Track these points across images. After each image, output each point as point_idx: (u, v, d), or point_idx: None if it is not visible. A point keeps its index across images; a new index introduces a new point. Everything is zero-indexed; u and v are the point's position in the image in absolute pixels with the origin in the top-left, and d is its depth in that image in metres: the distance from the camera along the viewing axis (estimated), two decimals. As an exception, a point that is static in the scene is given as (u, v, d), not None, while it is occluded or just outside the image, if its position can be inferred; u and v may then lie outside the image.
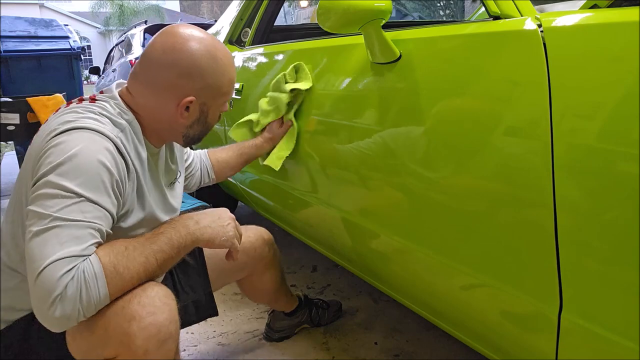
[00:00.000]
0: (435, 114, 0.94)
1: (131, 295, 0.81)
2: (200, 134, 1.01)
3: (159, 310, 0.82)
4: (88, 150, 0.81)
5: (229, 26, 2.03)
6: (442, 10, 13.68)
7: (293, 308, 1.52)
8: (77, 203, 0.78)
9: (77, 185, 0.78)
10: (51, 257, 0.73)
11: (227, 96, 1.00)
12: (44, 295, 0.72)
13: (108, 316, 0.80)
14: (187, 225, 0.91)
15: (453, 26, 0.96)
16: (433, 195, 0.96)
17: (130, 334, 0.79)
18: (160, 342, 0.81)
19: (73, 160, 0.79)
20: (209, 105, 0.97)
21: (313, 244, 1.59)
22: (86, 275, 0.75)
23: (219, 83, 0.95)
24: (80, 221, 0.77)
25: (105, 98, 0.93)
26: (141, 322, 0.80)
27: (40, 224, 0.75)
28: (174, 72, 0.91)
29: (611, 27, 0.68)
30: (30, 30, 4.17)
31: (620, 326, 0.67)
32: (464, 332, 1.03)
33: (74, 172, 0.79)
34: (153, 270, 0.85)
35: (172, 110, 0.93)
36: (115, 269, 0.79)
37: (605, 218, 0.67)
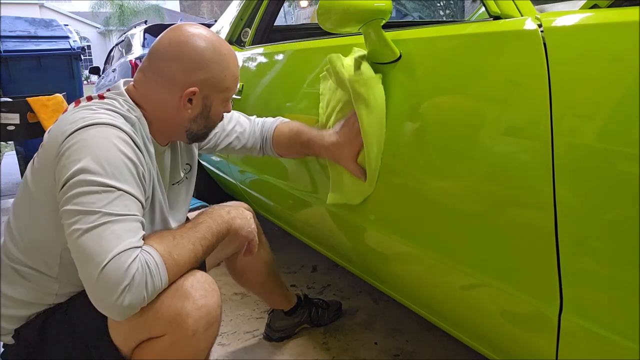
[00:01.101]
0: (435, 114, 0.94)
1: (184, 279, 0.86)
2: (204, 129, 1.02)
3: (210, 294, 0.88)
4: (109, 143, 0.83)
5: (229, 26, 2.03)
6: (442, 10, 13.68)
7: (291, 306, 1.52)
8: (118, 197, 0.80)
9: (112, 180, 0.81)
10: (113, 250, 0.76)
11: (230, 92, 1.01)
12: (112, 287, 0.75)
13: (162, 298, 0.84)
14: (221, 215, 0.99)
15: (453, 26, 0.96)
16: (433, 195, 0.96)
17: (183, 313, 0.84)
18: (208, 324, 0.87)
19: (99, 155, 0.81)
20: (212, 99, 0.98)
21: (313, 244, 1.59)
22: (149, 264, 0.80)
23: (222, 76, 0.96)
24: (126, 215, 0.81)
25: (113, 95, 0.94)
26: (195, 302, 0.85)
27: (88, 221, 0.77)
28: (178, 63, 0.93)
29: (611, 27, 0.68)
30: (30, 30, 4.17)
31: (620, 326, 0.67)
32: (464, 332, 1.03)
33: (104, 167, 0.81)
34: (199, 256, 0.90)
35: (176, 102, 0.95)
36: (171, 256, 0.84)
37: (605, 218, 0.67)
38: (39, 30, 4.19)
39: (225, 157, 1.94)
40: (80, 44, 4.35)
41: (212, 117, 1.01)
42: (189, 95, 0.94)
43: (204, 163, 2.29)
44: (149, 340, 0.86)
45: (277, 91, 1.55)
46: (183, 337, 0.84)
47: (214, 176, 2.28)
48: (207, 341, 0.89)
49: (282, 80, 1.54)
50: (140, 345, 0.87)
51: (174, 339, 0.84)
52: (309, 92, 1.34)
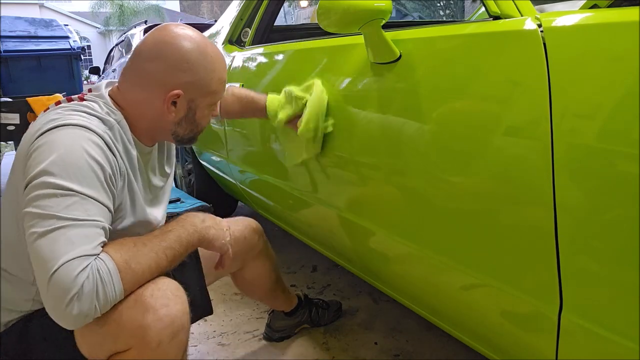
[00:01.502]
0: (435, 114, 0.94)
1: (143, 289, 0.82)
2: (190, 133, 1.00)
3: (172, 302, 0.83)
4: (76, 145, 0.81)
5: (229, 26, 2.03)
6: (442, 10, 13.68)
7: (292, 307, 1.52)
8: (77, 201, 0.78)
9: (74, 183, 0.78)
10: (64, 256, 0.73)
11: (217, 96, 0.98)
12: (60, 295, 0.73)
13: (120, 310, 0.80)
14: (194, 224, 0.93)
15: (453, 26, 0.96)
16: (433, 195, 0.96)
17: (144, 325, 0.80)
18: (173, 333, 0.83)
19: (64, 158, 0.79)
20: (197, 102, 0.95)
21: (313, 244, 1.59)
22: (101, 273, 0.76)
23: (207, 79, 0.94)
24: (85, 220, 0.77)
25: (93, 98, 0.92)
26: (155, 313, 0.81)
27: (44, 225, 0.75)
28: (162, 64, 0.90)
29: (611, 27, 0.68)
30: (30, 30, 4.18)
31: (620, 326, 0.67)
32: (464, 332, 1.03)
33: (67, 169, 0.78)
34: (163, 266, 0.86)
35: (159, 105, 0.92)
36: (128, 265, 0.80)
37: (605, 218, 0.67)
38: (39, 30, 4.20)
39: (225, 157, 1.94)
40: (80, 44, 4.35)
41: (198, 120, 0.98)
42: (173, 97, 0.91)
43: (204, 163, 2.29)
44: (117, 354, 0.83)
45: (277, 91, 1.55)
46: (148, 349, 0.81)
47: (214, 176, 2.28)
48: (176, 349, 0.85)
49: (282, 80, 1.54)
50: (111, 357, 0.84)
51: (139, 352, 0.81)
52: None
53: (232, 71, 1.84)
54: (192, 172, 2.49)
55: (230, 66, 1.87)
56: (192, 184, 2.47)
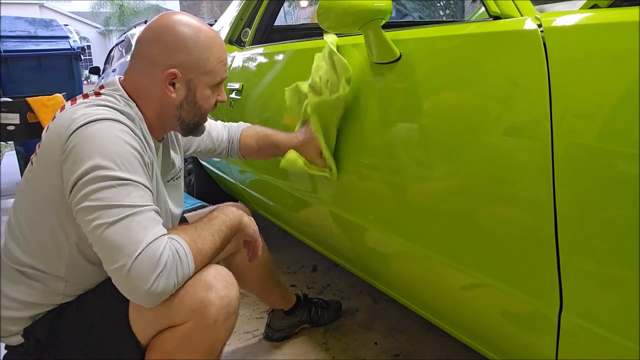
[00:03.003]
0: (435, 114, 0.94)
1: (206, 270, 0.90)
2: (194, 117, 1.01)
3: (231, 287, 0.91)
4: (115, 136, 0.84)
5: (229, 26, 2.03)
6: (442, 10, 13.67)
7: (290, 305, 1.52)
8: (133, 189, 0.82)
9: (125, 172, 0.82)
10: (144, 239, 0.79)
11: (216, 76, 0.99)
12: (146, 275, 0.78)
13: (185, 286, 0.86)
14: (232, 210, 1.01)
15: (453, 26, 0.96)
16: (433, 195, 0.96)
17: (206, 301, 0.87)
18: (228, 314, 0.90)
19: (108, 149, 0.82)
20: (196, 82, 0.97)
21: (313, 244, 1.59)
22: (179, 252, 0.83)
23: (203, 58, 0.95)
24: (146, 205, 0.83)
25: (109, 92, 0.94)
26: (217, 292, 0.88)
27: (112, 215, 0.79)
28: (158, 46, 0.94)
29: (611, 27, 0.68)
30: (30, 30, 4.17)
31: (620, 326, 0.67)
32: (464, 332, 1.03)
33: (115, 160, 0.82)
34: (218, 248, 0.93)
35: (160, 86, 0.94)
36: (196, 245, 0.88)
37: (605, 218, 0.67)
38: (39, 30, 4.19)
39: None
40: (80, 44, 4.35)
41: (200, 102, 0.99)
42: (170, 77, 0.94)
43: (204, 163, 2.29)
44: (169, 328, 0.88)
45: (277, 91, 1.55)
46: (204, 325, 0.87)
47: (214, 176, 2.28)
48: (226, 331, 0.91)
49: (282, 80, 1.54)
50: (160, 333, 0.89)
51: (195, 326, 0.87)
52: (309, 92, 1.34)
53: (232, 71, 1.84)
54: (192, 172, 2.49)
55: (230, 66, 1.87)
56: (192, 184, 2.47)
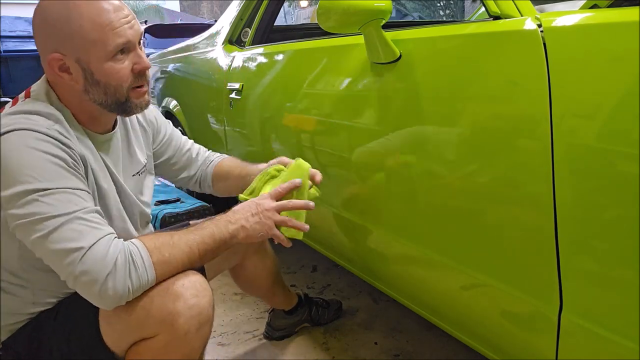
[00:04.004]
0: (435, 114, 0.94)
1: (175, 279, 0.85)
2: (112, 97, 0.88)
3: (201, 294, 0.86)
4: (24, 148, 0.78)
5: (229, 26, 2.03)
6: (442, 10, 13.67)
7: (292, 306, 1.52)
8: (60, 197, 0.78)
9: (44, 182, 0.77)
10: (84, 244, 0.76)
11: (106, 44, 0.84)
12: (95, 276, 0.75)
13: (152, 296, 0.83)
14: (228, 222, 0.93)
15: (453, 26, 0.96)
16: (433, 195, 0.96)
17: (174, 312, 0.82)
18: (200, 324, 0.85)
19: (20, 163, 0.77)
20: (86, 59, 0.84)
21: (313, 244, 1.59)
22: (133, 255, 0.79)
23: (78, 30, 0.82)
24: (77, 210, 0.78)
25: (35, 91, 0.89)
26: (186, 302, 0.83)
27: (47, 226, 0.76)
28: (36, 36, 0.86)
29: (611, 27, 0.68)
30: (30, 30, 4.17)
31: (620, 326, 0.67)
32: (464, 332, 1.03)
33: (30, 173, 0.77)
34: (195, 260, 0.88)
35: (55, 77, 0.86)
36: (160, 253, 0.83)
37: (605, 218, 0.68)
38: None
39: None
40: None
41: (103, 80, 0.86)
42: (56, 63, 0.84)
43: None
44: (142, 340, 0.85)
45: (277, 91, 1.55)
46: (175, 336, 0.83)
47: (214, 176, 2.27)
48: (200, 341, 0.88)
49: (282, 80, 1.54)
50: (134, 346, 0.86)
51: (167, 338, 0.83)
52: (309, 92, 1.34)
53: (232, 71, 1.84)
54: (192, 172, 2.49)
55: (230, 66, 1.87)
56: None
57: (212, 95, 1.96)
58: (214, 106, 1.94)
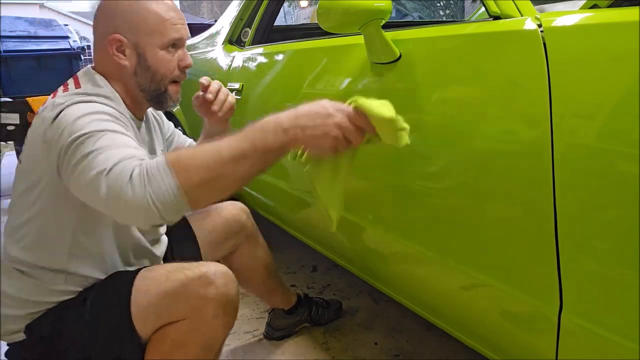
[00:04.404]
0: (435, 113, 0.94)
1: (206, 267, 0.91)
2: (153, 84, 0.98)
3: (230, 285, 0.91)
4: (92, 108, 0.85)
5: (229, 26, 2.03)
6: (442, 10, 13.67)
7: (291, 305, 1.52)
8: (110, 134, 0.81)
9: (102, 125, 0.82)
10: (113, 161, 0.76)
11: (163, 36, 0.96)
12: (117, 190, 0.73)
13: (184, 281, 0.88)
14: (280, 124, 0.78)
15: (453, 26, 0.96)
16: (432, 195, 0.96)
17: (205, 297, 0.87)
18: (227, 312, 0.90)
19: (84, 115, 0.83)
20: (143, 45, 0.96)
21: (313, 244, 1.59)
22: (147, 165, 0.74)
23: (143, 19, 0.95)
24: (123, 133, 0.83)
25: (85, 80, 0.96)
26: (217, 289, 0.88)
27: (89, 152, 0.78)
28: (100, 18, 0.97)
29: (611, 27, 0.68)
30: (30, 30, 4.17)
31: (620, 326, 0.67)
32: (463, 332, 1.03)
33: (92, 119, 0.82)
34: (227, 166, 0.75)
35: (110, 57, 0.95)
36: (179, 158, 0.75)
37: (605, 218, 0.68)
38: (39, 30, 4.19)
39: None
40: (80, 44, 4.35)
41: (153, 66, 0.97)
42: (114, 43, 0.95)
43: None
44: (168, 324, 0.88)
45: (277, 91, 1.55)
46: (203, 320, 0.87)
47: (214, 176, 2.27)
48: (225, 328, 0.91)
49: (282, 80, 1.54)
50: (159, 330, 0.89)
51: (194, 321, 0.87)
52: (309, 92, 1.34)
53: (232, 71, 1.84)
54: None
55: (230, 66, 1.87)
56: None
57: (212, 95, 1.96)
58: (214, 106, 1.94)
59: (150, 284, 0.91)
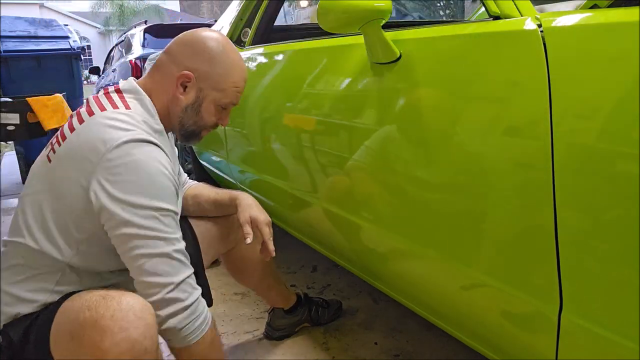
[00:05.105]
0: (435, 114, 0.94)
1: (106, 309, 0.80)
2: (194, 126, 1.05)
3: (133, 326, 0.80)
4: (156, 164, 0.89)
5: (229, 26, 2.03)
6: (442, 10, 13.67)
7: (291, 304, 1.52)
8: (171, 220, 0.90)
9: (165, 202, 0.88)
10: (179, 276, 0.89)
11: (226, 96, 1.04)
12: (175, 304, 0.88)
13: (83, 327, 0.79)
14: None
15: (453, 26, 0.96)
16: (433, 195, 0.96)
17: (102, 349, 0.78)
18: (134, 358, 0.80)
19: (152, 179, 0.87)
20: (206, 93, 1.02)
21: (313, 244, 1.59)
22: (204, 315, 0.94)
23: (221, 75, 1.01)
24: (179, 238, 0.91)
25: (133, 99, 0.98)
26: (113, 337, 0.78)
27: (153, 246, 0.86)
28: (185, 48, 1.01)
29: (611, 27, 0.68)
30: (30, 30, 4.17)
31: (620, 326, 0.67)
32: (464, 332, 1.03)
33: (157, 190, 0.88)
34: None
35: (173, 83, 1.00)
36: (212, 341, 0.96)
37: (605, 218, 0.67)
38: (39, 30, 4.19)
39: (225, 157, 1.94)
40: (80, 44, 4.35)
41: (203, 113, 1.04)
42: (184, 78, 0.99)
43: (204, 163, 2.29)
44: None
45: (277, 91, 1.55)
46: None
47: (214, 176, 2.27)
48: None
49: (282, 80, 1.54)
50: None
51: None
52: (309, 92, 1.34)
53: (232, 71, 1.84)
54: (192, 172, 2.49)
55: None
56: (192, 184, 2.47)
57: (212, 95, 1.96)
58: (214, 106, 1.94)
59: (62, 319, 0.85)
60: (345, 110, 1.18)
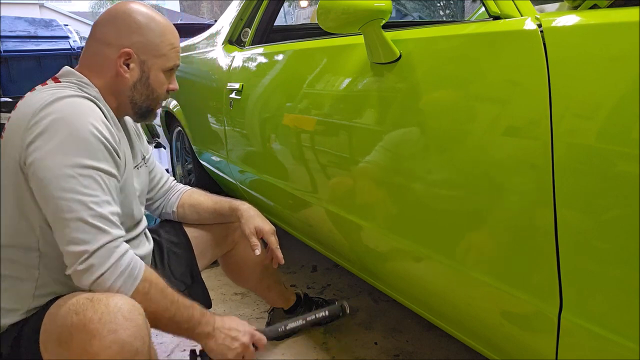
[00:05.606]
0: (435, 114, 0.94)
1: (93, 312, 0.79)
2: (147, 101, 1.04)
3: (122, 327, 0.79)
4: (83, 120, 0.86)
5: (229, 26, 2.03)
6: (442, 10, 13.67)
7: (290, 304, 1.52)
8: (95, 178, 0.85)
9: (88, 159, 0.84)
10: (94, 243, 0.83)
11: (169, 61, 1.03)
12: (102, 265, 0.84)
13: (71, 332, 0.78)
14: (208, 323, 1.00)
15: (453, 26, 0.96)
16: (432, 195, 0.96)
17: (91, 352, 0.77)
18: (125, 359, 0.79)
19: (73, 134, 0.84)
20: (149, 65, 1.01)
21: (313, 244, 1.59)
22: (132, 266, 0.87)
23: (157, 42, 1.01)
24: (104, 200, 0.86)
25: (69, 79, 0.97)
26: (102, 340, 0.77)
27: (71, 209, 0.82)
28: (113, 27, 0.99)
29: (611, 27, 0.68)
30: (30, 30, 4.18)
31: (620, 326, 0.67)
32: (464, 332, 1.03)
33: (79, 145, 0.84)
34: (163, 319, 0.92)
35: (114, 66, 0.98)
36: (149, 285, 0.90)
37: (605, 218, 0.67)
38: (39, 30, 4.20)
39: (225, 157, 1.94)
40: (80, 44, 4.35)
41: (153, 85, 1.03)
42: (124, 56, 0.98)
43: (204, 163, 2.29)
44: None
45: (277, 91, 1.55)
46: None
47: (214, 176, 2.27)
48: None
49: (282, 80, 1.54)
50: None
51: None
52: (309, 92, 1.34)
53: (232, 71, 1.84)
54: (192, 172, 2.49)
55: (230, 66, 1.87)
56: (192, 184, 2.47)
57: (212, 95, 1.96)
58: (214, 106, 1.94)
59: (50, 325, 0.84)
60: (345, 111, 1.18)
